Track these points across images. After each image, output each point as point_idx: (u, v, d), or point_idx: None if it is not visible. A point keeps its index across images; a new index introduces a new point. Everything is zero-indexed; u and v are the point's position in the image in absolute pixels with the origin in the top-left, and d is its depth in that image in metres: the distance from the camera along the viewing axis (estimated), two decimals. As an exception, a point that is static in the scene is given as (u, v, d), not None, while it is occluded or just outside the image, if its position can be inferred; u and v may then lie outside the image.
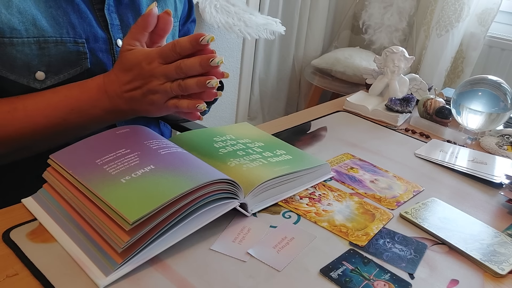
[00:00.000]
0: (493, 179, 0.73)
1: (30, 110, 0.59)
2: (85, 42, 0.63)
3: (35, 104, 0.60)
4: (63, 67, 0.62)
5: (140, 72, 0.57)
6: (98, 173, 0.50)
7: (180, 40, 0.55)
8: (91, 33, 0.64)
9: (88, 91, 0.61)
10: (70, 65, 0.62)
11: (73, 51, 0.62)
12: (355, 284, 0.48)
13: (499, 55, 1.91)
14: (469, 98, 0.88)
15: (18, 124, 0.59)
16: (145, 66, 0.57)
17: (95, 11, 0.65)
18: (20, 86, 0.60)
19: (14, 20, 0.57)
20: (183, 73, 0.56)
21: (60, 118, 0.60)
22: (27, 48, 0.58)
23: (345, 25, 2.35)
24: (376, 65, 1.04)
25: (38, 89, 0.61)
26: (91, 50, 0.64)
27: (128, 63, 0.58)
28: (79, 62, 0.63)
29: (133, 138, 0.58)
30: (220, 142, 0.67)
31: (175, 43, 0.55)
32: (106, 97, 0.60)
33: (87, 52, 0.64)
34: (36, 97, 0.60)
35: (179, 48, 0.55)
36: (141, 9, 0.71)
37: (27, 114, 0.59)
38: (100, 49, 0.66)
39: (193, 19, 0.88)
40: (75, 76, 0.63)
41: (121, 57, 0.59)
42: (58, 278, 0.44)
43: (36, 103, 0.60)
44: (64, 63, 0.62)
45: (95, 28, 0.64)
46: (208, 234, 0.52)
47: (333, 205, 0.61)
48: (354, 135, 0.86)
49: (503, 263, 0.53)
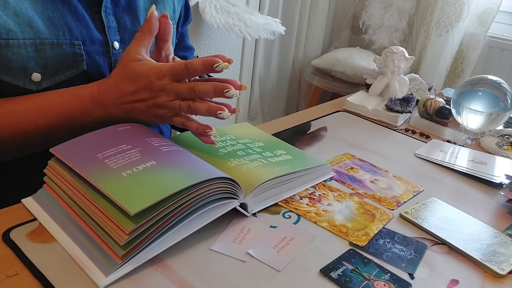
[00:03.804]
0: (493, 179, 0.73)
1: (20, 117, 0.59)
2: (81, 44, 0.63)
3: (25, 111, 0.59)
4: (59, 69, 0.61)
5: (148, 85, 0.57)
6: (99, 167, 0.50)
7: (193, 62, 0.55)
8: (88, 35, 0.64)
9: (81, 100, 0.60)
10: (66, 67, 0.62)
11: (70, 53, 0.62)
12: (355, 284, 0.48)
13: (499, 55, 1.92)
14: (469, 98, 0.88)
15: (7, 129, 0.58)
16: (155, 80, 0.56)
17: (92, 13, 0.65)
18: (15, 88, 0.59)
19: (10, 21, 0.56)
20: (196, 96, 0.56)
21: (51, 126, 0.60)
22: (23, 50, 0.58)
23: (345, 25, 2.35)
24: (376, 65, 1.04)
25: (34, 90, 0.60)
26: (87, 52, 0.64)
27: (134, 74, 0.58)
28: (75, 64, 0.63)
29: (134, 134, 0.58)
30: (220, 142, 0.67)
31: (188, 64, 0.55)
32: (100, 106, 0.60)
33: (84, 54, 0.63)
34: (26, 103, 0.59)
35: (192, 70, 0.55)
36: (138, 12, 0.71)
37: (17, 120, 0.58)
38: (97, 52, 0.65)
39: (190, 21, 0.88)
40: (71, 78, 0.63)
41: (126, 66, 0.58)
42: (58, 278, 0.44)
43: (26, 110, 0.59)
44: (60, 65, 0.61)
45: (92, 30, 0.64)
46: (208, 234, 0.52)
47: (333, 205, 0.61)
48: (354, 135, 0.86)
49: (503, 263, 0.53)
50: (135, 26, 0.70)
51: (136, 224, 0.44)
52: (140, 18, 0.71)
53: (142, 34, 0.59)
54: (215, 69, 0.55)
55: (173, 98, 0.57)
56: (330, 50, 2.27)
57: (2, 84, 0.59)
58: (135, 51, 0.59)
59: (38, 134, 0.60)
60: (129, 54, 0.59)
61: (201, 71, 0.55)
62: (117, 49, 0.68)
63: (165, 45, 0.63)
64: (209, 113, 0.57)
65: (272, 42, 2.17)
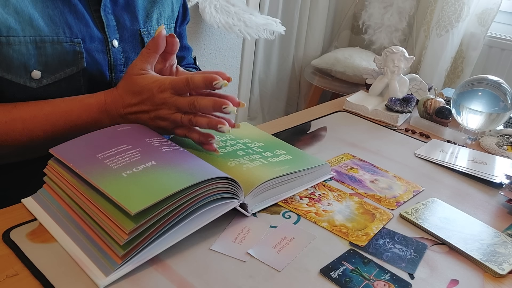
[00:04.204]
0: (493, 179, 0.73)
1: (28, 124, 0.60)
2: (81, 42, 0.64)
3: (33, 118, 0.60)
4: (59, 66, 0.62)
5: (150, 98, 0.59)
6: (98, 167, 0.50)
7: (194, 78, 0.58)
8: (88, 33, 0.64)
9: (88, 109, 0.62)
10: (66, 65, 0.63)
11: (70, 51, 0.63)
12: (355, 284, 0.48)
13: (499, 55, 1.91)
14: (469, 98, 0.88)
15: (14, 135, 0.59)
16: (157, 93, 0.59)
17: (92, 12, 0.66)
18: (15, 85, 0.60)
19: (11, 19, 0.57)
20: (196, 110, 0.59)
21: (58, 134, 0.61)
22: (24, 48, 0.58)
23: (345, 25, 2.35)
24: (376, 65, 1.04)
25: (34, 88, 0.61)
26: (87, 50, 0.65)
27: (137, 87, 0.60)
28: (75, 61, 0.63)
29: (134, 135, 0.58)
30: (220, 142, 0.67)
31: (189, 80, 0.58)
32: (107, 116, 0.62)
33: (83, 52, 0.64)
34: (34, 110, 0.60)
35: (192, 85, 0.58)
36: (137, 11, 0.72)
37: (24, 127, 0.60)
38: (96, 49, 0.66)
39: (188, 20, 0.88)
40: (71, 75, 0.64)
41: (130, 80, 0.60)
42: (58, 278, 0.44)
43: (34, 117, 0.60)
44: (60, 63, 0.62)
45: (92, 28, 0.65)
46: (208, 234, 0.52)
47: (333, 205, 0.61)
48: (354, 135, 0.86)
49: (503, 263, 0.53)
50: (134, 25, 0.71)
51: (136, 224, 0.44)
52: (139, 17, 0.72)
53: (147, 51, 0.61)
54: (214, 86, 0.57)
55: (174, 111, 0.59)
56: (330, 50, 2.27)
57: (3, 82, 0.59)
58: (140, 66, 0.61)
59: (44, 140, 0.61)
60: (134, 69, 0.61)
61: (201, 87, 0.58)
62: (116, 47, 0.69)
63: (170, 57, 0.65)
64: (209, 126, 0.59)
65: (272, 42, 2.17)
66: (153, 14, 0.75)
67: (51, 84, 0.62)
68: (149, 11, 0.74)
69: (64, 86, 0.63)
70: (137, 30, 0.72)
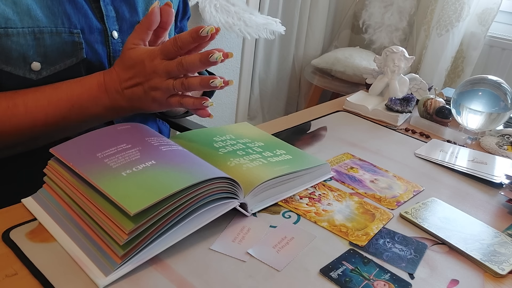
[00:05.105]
0: (493, 179, 0.72)
1: (30, 107, 0.59)
2: (80, 32, 0.63)
3: (35, 101, 0.60)
4: (59, 57, 0.62)
5: (142, 69, 0.59)
6: (98, 166, 0.50)
7: (181, 35, 0.57)
8: (87, 24, 0.64)
9: (89, 88, 0.61)
10: (66, 56, 0.63)
11: (69, 42, 0.62)
12: (355, 284, 0.48)
13: (500, 55, 1.91)
14: (469, 98, 0.88)
15: (17, 120, 0.59)
16: (148, 63, 0.58)
17: (90, 2, 0.65)
18: (15, 78, 0.60)
19: (9, 10, 0.57)
20: (184, 69, 0.57)
21: (60, 116, 0.61)
22: (22, 39, 0.58)
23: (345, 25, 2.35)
24: (376, 64, 1.04)
25: (34, 80, 0.61)
26: (86, 41, 0.64)
27: (131, 61, 0.59)
28: (74, 52, 0.63)
29: (134, 134, 0.58)
30: (220, 142, 0.67)
31: (176, 38, 0.57)
32: (106, 94, 0.61)
33: (83, 42, 0.64)
34: (36, 94, 0.60)
35: (180, 42, 0.56)
36: (136, 3, 0.71)
37: (27, 110, 0.59)
38: (96, 40, 0.66)
39: (188, 16, 0.88)
40: (71, 66, 0.64)
41: (123, 54, 0.60)
42: (58, 278, 0.44)
43: (37, 100, 0.60)
44: (59, 54, 0.62)
45: (91, 19, 0.65)
46: (208, 234, 0.52)
47: (333, 205, 0.61)
48: (354, 135, 0.86)
49: (503, 263, 0.53)
50: (133, 16, 0.71)
51: (136, 224, 0.44)
52: (138, 8, 0.72)
53: (140, 27, 0.61)
54: (200, 34, 0.56)
55: (165, 78, 0.58)
56: (330, 49, 2.27)
57: (2, 74, 0.59)
58: (132, 41, 0.60)
59: (47, 124, 0.60)
60: (127, 44, 0.61)
61: (189, 41, 0.56)
62: (116, 39, 0.68)
63: (164, 33, 0.64)
64: (202, 85, 0.57)
65: (272, 42, 2.17)
66: None
67: (51, 76, 0.62)
68: (149, 4, 0.74)
69: (63, 78, 0.63)
70: (136, 22, 0.71)
